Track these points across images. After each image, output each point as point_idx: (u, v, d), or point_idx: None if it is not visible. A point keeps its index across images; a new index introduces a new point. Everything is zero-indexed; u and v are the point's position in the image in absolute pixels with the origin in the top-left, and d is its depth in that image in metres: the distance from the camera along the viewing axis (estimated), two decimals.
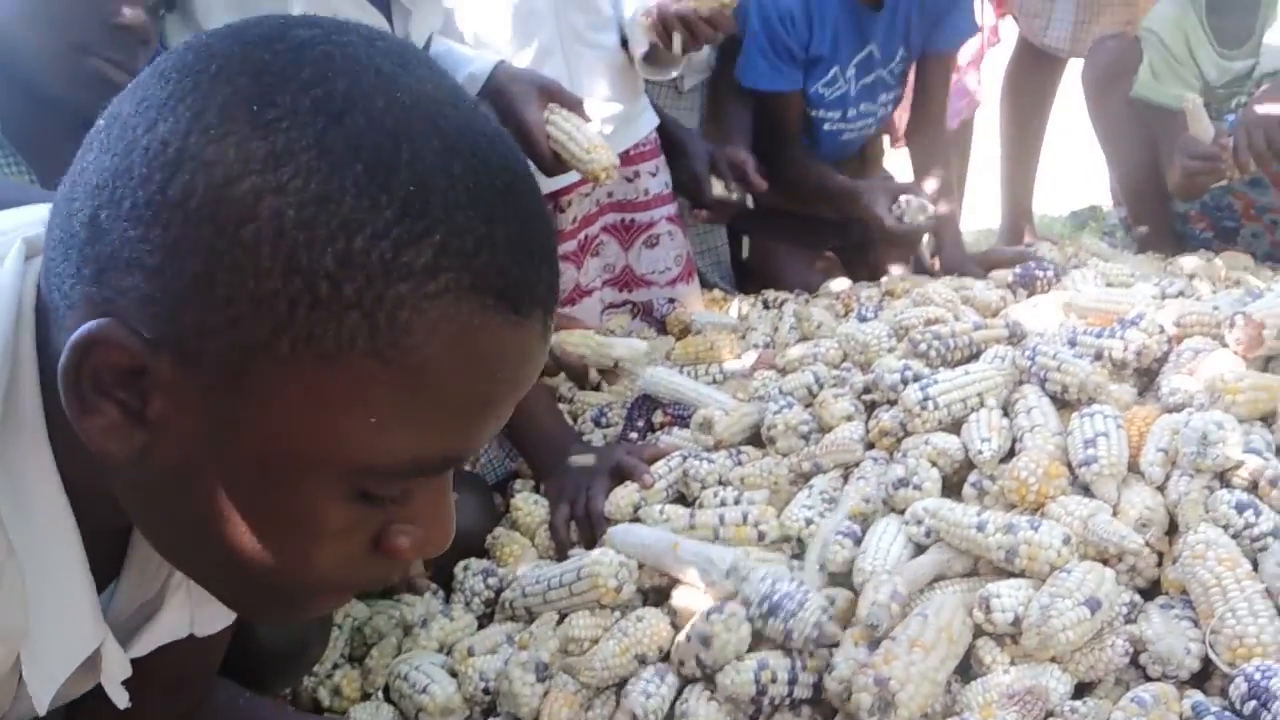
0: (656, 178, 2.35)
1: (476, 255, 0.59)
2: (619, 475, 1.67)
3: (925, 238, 2.53)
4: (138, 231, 0.57)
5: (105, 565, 0.78)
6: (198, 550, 0.67)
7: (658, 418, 1.89)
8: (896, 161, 3.03)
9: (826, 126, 2.60)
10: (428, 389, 0.60)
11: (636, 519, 1.59)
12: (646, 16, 2.05)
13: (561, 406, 1.98)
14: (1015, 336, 1.73)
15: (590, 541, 1.59)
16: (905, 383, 1.58)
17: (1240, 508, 1.28)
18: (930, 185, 2.57)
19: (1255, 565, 1.25)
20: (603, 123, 2.12)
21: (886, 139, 3.06)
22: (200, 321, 0.57)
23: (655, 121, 2.35)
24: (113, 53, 1.33)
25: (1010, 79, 3.17)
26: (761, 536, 1.49)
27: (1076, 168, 3.80)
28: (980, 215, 3.68)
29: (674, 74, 2.34)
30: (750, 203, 2.64)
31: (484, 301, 0.59)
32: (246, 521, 0.63)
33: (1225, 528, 1.28)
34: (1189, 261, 2.31)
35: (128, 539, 0.82)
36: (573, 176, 2.11)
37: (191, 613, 0.88)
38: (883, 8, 2.46)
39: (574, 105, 1.89)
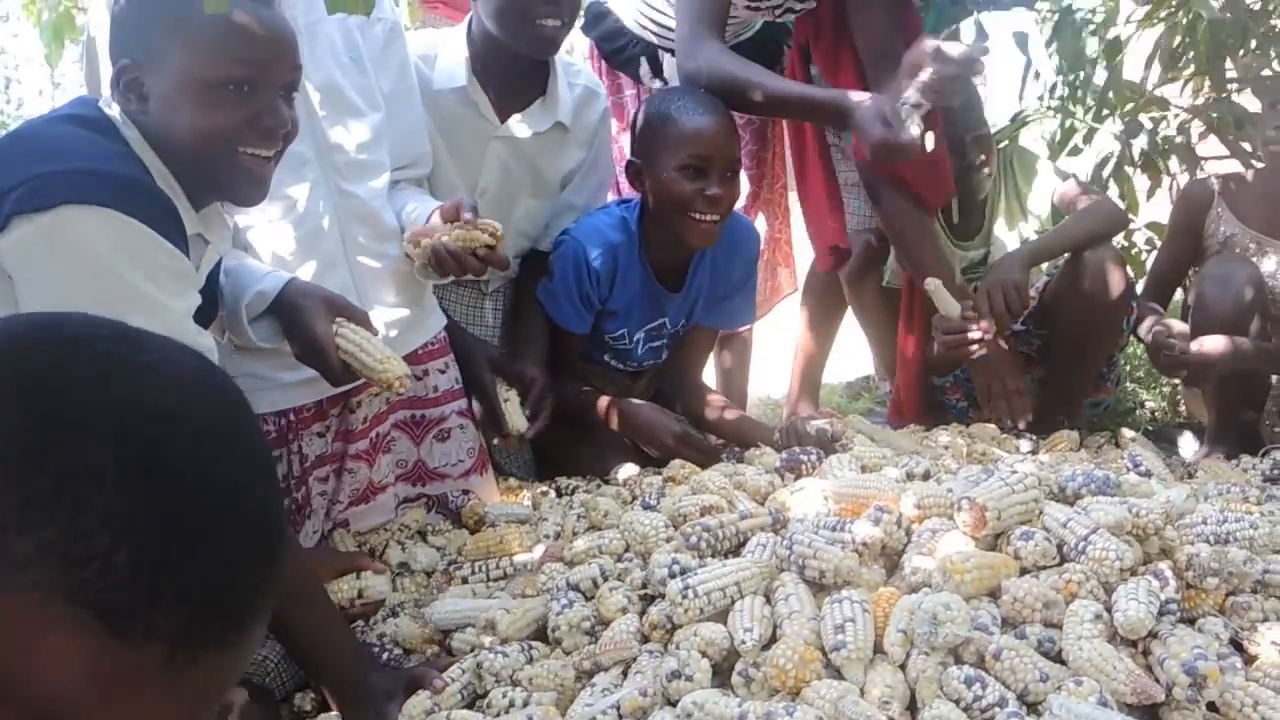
0: (446, 374, 2.44)
1: (85, 566, 0.58)
2: (413, 687, 1.69)
3: None
4: None
5: None
6: None
7: None
8: None
9: (608, 358, 2.76)
10: None
11: None
12: (414, 246, 2.17)
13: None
14: (778, 524, 1.86)
15: None
16: (673, 576, 1.68)
17: (969, 682, 1.42)
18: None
19: None
20: (388, 327, 2.21)
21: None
22: None
23: (443, 321, 2.45)
24: None
25: (810, 278, 3.40)
26: None
27: (852, 340, 4.09)
28: (767, 383, 3.88)
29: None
30: None
31: (78, 614, 0.58)
32: None
33: (957, 702, 1.41)
34: (943, 436, 2.53)
35: None
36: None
37: None
38: (680, 290, 2.69)
39: (360, 319, 1.98)
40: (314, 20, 2.13)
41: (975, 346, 2.57)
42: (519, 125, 2.57)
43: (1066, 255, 2.79)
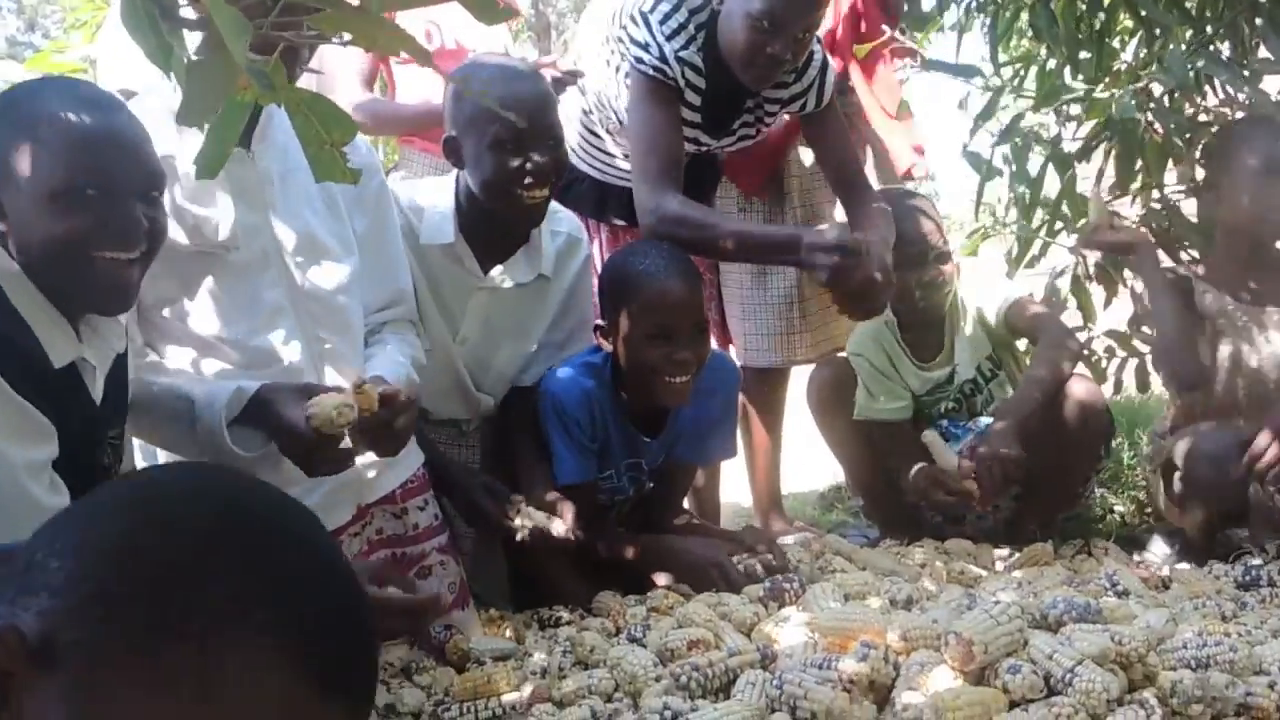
0: (425, 511, 2.44)
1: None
2: None
3: None
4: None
5: None
6: None
7: None
8: None
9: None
10: None
11: None
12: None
13: None
14: (766, 659, 1.88)
15: None
16: None
17: None
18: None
19: None
20: (366, 467, 2.21)
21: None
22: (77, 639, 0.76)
23: (422, 458, 2.46)
24: None
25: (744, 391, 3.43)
26: None
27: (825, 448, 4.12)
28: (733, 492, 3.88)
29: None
30: None
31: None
32: None
33: None
34: (919, 554, 2.56)
35: None
36: (344, 515, 2.20)
37: None
38: (660, 435, 2.70)
39: (329, 388, 1.96)
40: (288, 169, 2.17)
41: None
42: (502, 276, 2.62)
43: None
